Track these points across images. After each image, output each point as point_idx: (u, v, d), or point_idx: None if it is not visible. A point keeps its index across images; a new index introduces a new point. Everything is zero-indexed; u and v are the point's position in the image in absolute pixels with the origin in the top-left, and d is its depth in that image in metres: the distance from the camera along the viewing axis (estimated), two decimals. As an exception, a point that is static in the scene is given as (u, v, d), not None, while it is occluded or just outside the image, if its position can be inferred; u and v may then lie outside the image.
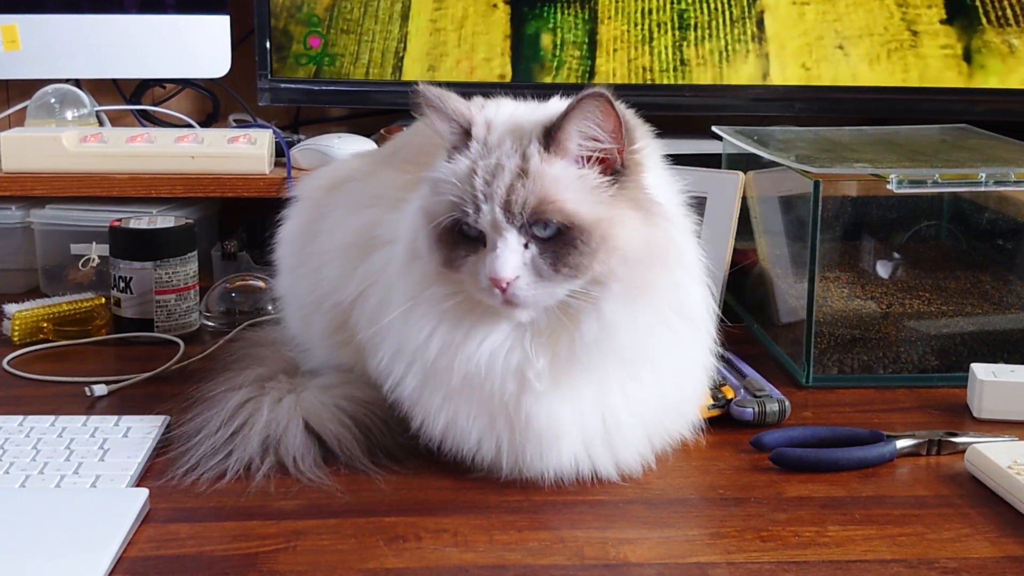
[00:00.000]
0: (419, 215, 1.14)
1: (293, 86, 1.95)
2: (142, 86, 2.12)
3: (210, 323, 1.69)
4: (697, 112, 1.93)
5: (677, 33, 1.84)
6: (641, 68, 1.85)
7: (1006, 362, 1.43)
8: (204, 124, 2.10)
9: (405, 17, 1.88)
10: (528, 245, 1.08)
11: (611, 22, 1.85)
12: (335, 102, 2.08)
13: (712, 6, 1.83)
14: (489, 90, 1.26)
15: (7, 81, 2.12)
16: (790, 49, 1.84)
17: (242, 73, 2.03)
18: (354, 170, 1.43)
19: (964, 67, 1.83)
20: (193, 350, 1.56)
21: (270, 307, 1.68)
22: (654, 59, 1.84)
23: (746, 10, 1.84)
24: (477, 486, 1.16)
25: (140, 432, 1.24)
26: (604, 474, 1.16)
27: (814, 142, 1.73)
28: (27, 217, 1.83)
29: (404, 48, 1.90)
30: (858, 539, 1.06)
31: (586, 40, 1.86)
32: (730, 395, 1.34)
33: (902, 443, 1.24)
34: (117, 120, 2.10)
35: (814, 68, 1.84)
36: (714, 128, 1.80)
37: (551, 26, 1.87)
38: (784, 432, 1.27)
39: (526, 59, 1.89)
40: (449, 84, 1.15)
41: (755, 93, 1.93)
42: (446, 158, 1.14)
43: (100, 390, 1.39)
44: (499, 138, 1.11)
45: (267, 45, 1.94)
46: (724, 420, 1.32)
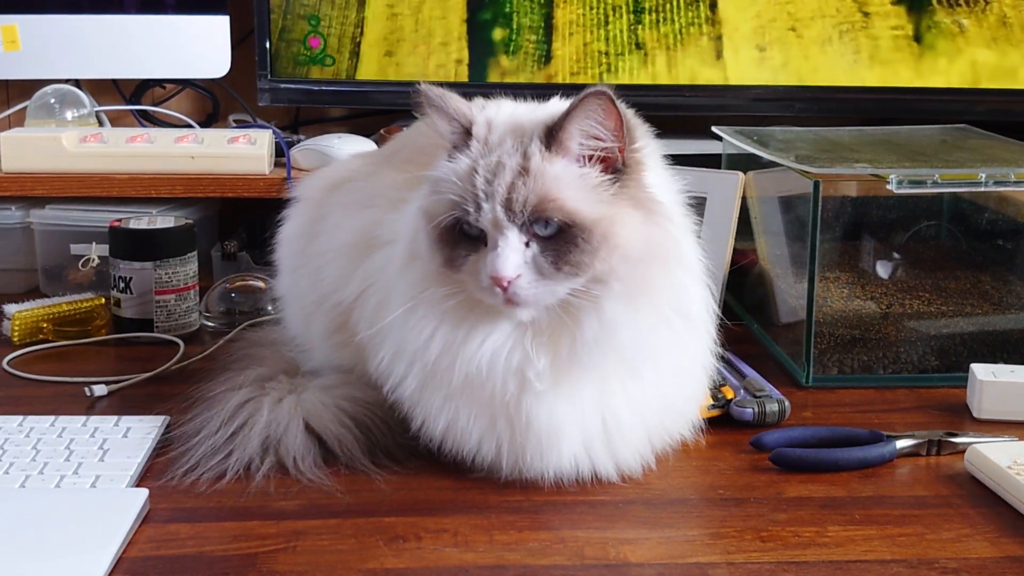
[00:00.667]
0: (419, 215, 1.14)
1: (293, 86, 1.95)
2: (142, 86, 2.12)
3: (210, 323, 1.69)
4: (697, 112, 1.93)
5: (632, 16, 1.85)
6: (596, 52, 1.86)
7: (1006, 362, 1.43)
8: (204, 124, 2.10)
9: (362, 3, 1.89)
10: (529, 244, 1.08)
11: (567, 6, 1.86)
12: (335, 102, 2.08)
13: (667, -11, 1.85)
14: (489, 90, 1.26)
15: (7, 81, 2.12)
16: (743, 31, 1.85)
17: (242, 73, 2.03)
18: (354, 170, 1.43)
19: (915, 47, 1.84)
20: (193, 350, 1.56)
21: (270, 307, 1.68)
22: (610, 43, 1.85)
23: (700, -8, 1.86)
24: (477, 486, 1.16)
25: (140, 432, 1.25)
26: (604, 474, 1.16)
27: (814, 142, 1.73)
28: (27, 217, 1.83)
29: (361, 33, 1.90)
30: (858, 539, 1.06)
31: (542, 24, 1.87)
32: (730, 395, 1.34)
33: (902, 443, 1.24)
34: (117, 120, 2.10)
35: (768, 49, 1.85)
36: (714, 128, 1.80)
37: (507, 11, 1.88)
38: (784, 432, 1.27)
39: (483, 44, 1.90)
40: (450, 85, 1.15)
41: (755, 93, 1.93)
42: (446, 158, 1.14)
43: (100, 390, 1.39)
44: (500, 137, 1.11)
45: (267, 45, 1.94)
46: (724, 420, 1.32)
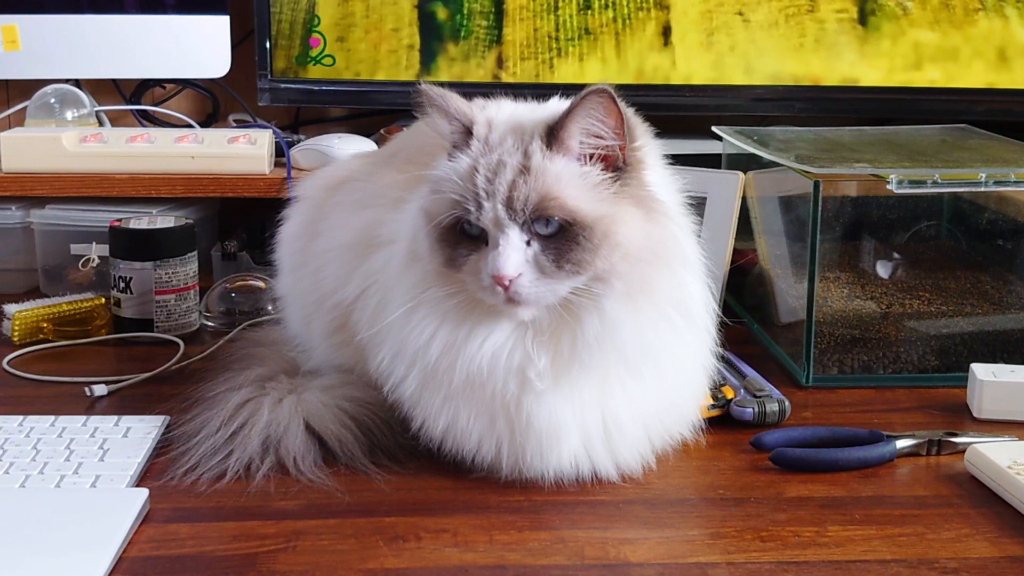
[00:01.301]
0: (419, 215, 1.14)
1: (293, 86, 1.95)
2: (142, 86, 2.12)
3: (210, 323, 1.69)
4: (697, 112, 1.93)
5: (581, 2, 1.86)
6: (546, 37, 1.87)
7: (1006, 362, 1.43)
8: (204, 124, 2.10)
9: None
10: (530, 243, 1.08)
11: None
12: (335, 102, 2.08)
13: (616, -26, 1.86)
14: (489, 90, 1.26)
15: (7, 81, 2.12)
16: (691, 16, 1.86)
17: (242, 73, 2.03)
18: (354, 170, 1.43)
19: (860, 30, 1.86)
20: (193, 350, 1.56)
21: (270, 307, 1.68)
22: (560, 28, 1.86)
23: (648, -22, 1.88)
24: (477, 486, 1.16)
25: (140, 432, 1.25)
26: (604, 474, 1.16)
27: (814, 142, 1.73)
28: (27, 217, 1.83)
29: (313, 19, 1.91)
30: (858, 539, 1.06)
31: (492, 9, 1.88)
32: (730, 395, 1.34)
33: (902, 443, 1.24)
34: (117, 120, 2.10)
35: (715, 34, 1.86)
36: (714, 128, 1.80)
37: None
38: (784, 432, 1.27)
39: (434, 29, 1.91)
40: (450, 85, 1.15)
41: (755, 93, 1.93)
42: (447, 157, 1.14)
43: (100, 390, 1.39)
44: (500, 136, 1.11)
45: (267, 45, 1.94)
46: (724, 420, 1.32)
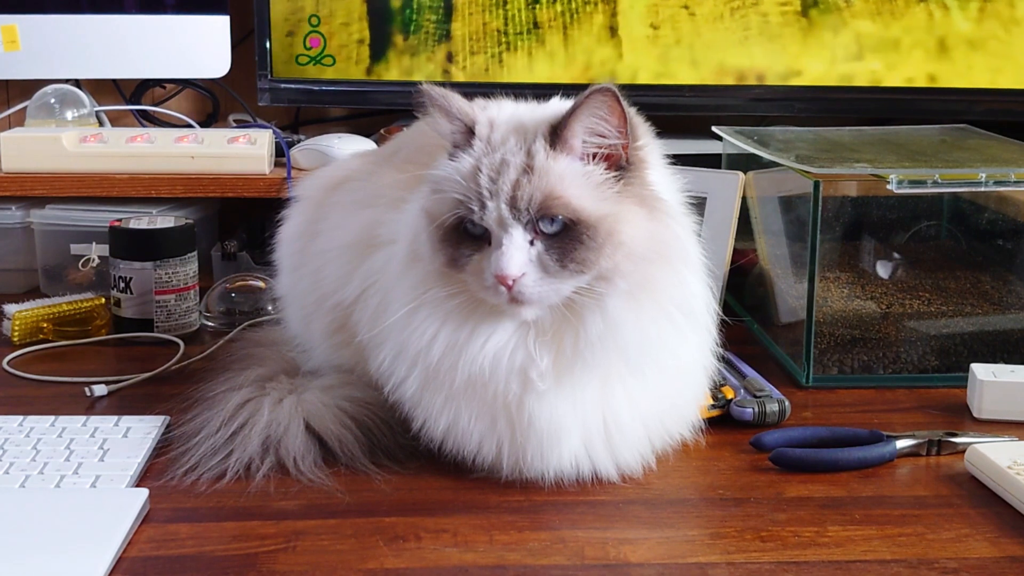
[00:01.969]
0: (421, 215, 1.14)
1: (293, 86, 1.95)
2: (142, 86, 2.12)
3: (210, 323, 1.69)
4: (697, 112, 1.94)
5: None
6: (495, 31, 1.89)
7: (1006, 362, 1.43)
8: (204, 124, 2.10)
9: None
10: (533, 242, 1.08)
11: None
12: (335, 102, 2.08)
13: (564, -32, 1.88)
14: (489, 91, 1.26)
15: (7, 81, 2.12)
16: (638, 10, 1.88)
17: (242, 73, 2.03)
18: (354, 170, 1.43)
19: (803, 22, 1.87)
20: (193, 350, 1.56)
21: (270, 307, 1.68)
22: (509, 23, 1.88)
23: (596, -28, 1.89)
24: (477, 486, 1.16)
25: (140, 432, 1.24)
26: (604, 474, 1.16)
27: (814, 142, 1.73)
28: (27, 217, 1.83)
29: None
30: (858, 539, 1.06)
31: (441, 4, 1.89)
32: (730, 395, 1.34)
33: (902, 443, 1.24)
34: (117, 120, 2.10)
35: (661, 27, 1.88)
36: (714, 128, 1.80)
37: None
38: (784, 432, 1.27)
39: (384, 23, 1.92)
40: (452, 85, 1.15)
41: (755, 93, 1.93)
42: (448, 157, 1.14)
43: (100, 390, 1.39)
44: (503, 136, 1.11)
45: (267, 45, 1.94)
46: (724, 420, 1.32)
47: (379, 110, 2.09)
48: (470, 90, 1.22)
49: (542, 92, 1.22)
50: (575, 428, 1.14)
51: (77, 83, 2.04)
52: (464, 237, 1.10)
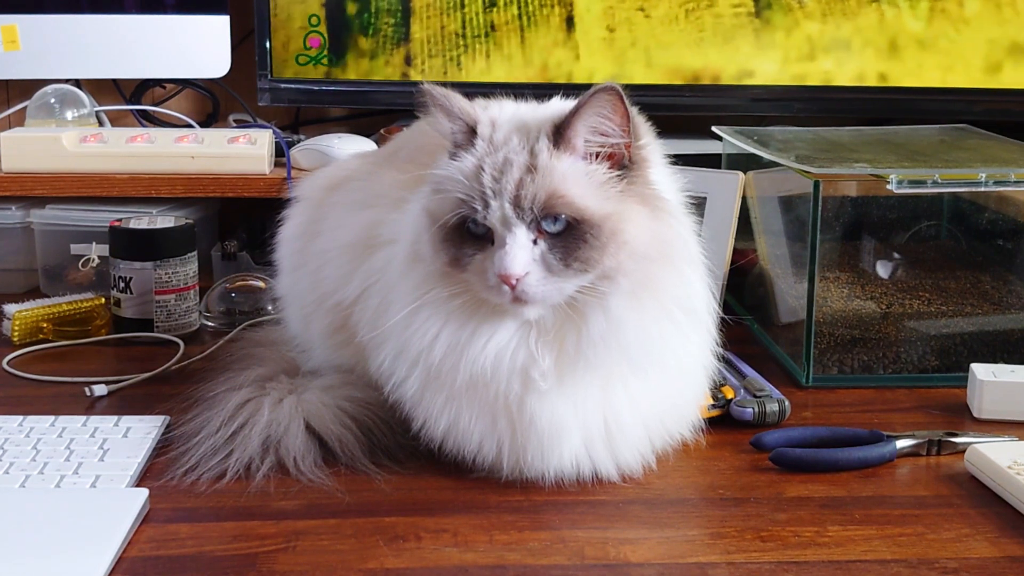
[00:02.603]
0: (422, 216, 1.14)
1: (293, 86, 1.95)
2: (142, 86, 2.12)
3: (210, 323, 1.69)
4: (697, 112, 1.94)
5: None
6: (453, 34, 1.90)
7: (1006, 362, 1.43)
8: (204, 124, 2.10)
9: None
10: (537, 241, 1.08)
11: None
12: (335, 102, 2.08)
13: (520, -28, 1.90)
14: (490, 90, 1.26)
15: (7, 81, 2.12)
16: (594, 12, 1.90)
17: (242, 73, 2.03)
18: (354, 170, 1.43)
19: (756, 23, 1.89)
20: (193, 350, 1.56)
21: (270, 307, 1.68)
22: (467, 26, 1.89)
23: (552, -26, 1.91)
24: (477, 486, 1.16)
25: (140, 432, 1.24)
26: (605, 474, 1.16)
27: (814, 142, 1.73)
28: (27, 217, 1.83)
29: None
30: (858, 539, 1.06)
31: (400, 8, 1.91)
32: (730, 395, 1.34)
33: (902, 443, 1.24)
34: (117, 120, 2.10)
35: (617, 30, 1.89)
36: (714, 128, 1.80)
37: None
38: (784, 432, 1.27)
39: (343, 26, 1.93)
40: (452, 84, 1.15)
41: (755, 93, 1.93)
42: (449, 157, 1.14)
43: (100, 390, 1.39)
44: (505, 136, 1.11)
45: (267, 45, 1.94)
46: (724, 420, 1.32)
47: (379, 110, 2.09)
48: (470, 90, 1.22)
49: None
50: (576, 428, 1.14)
51: (77, 83, 2.04)
52: (466, 237, 1.10)
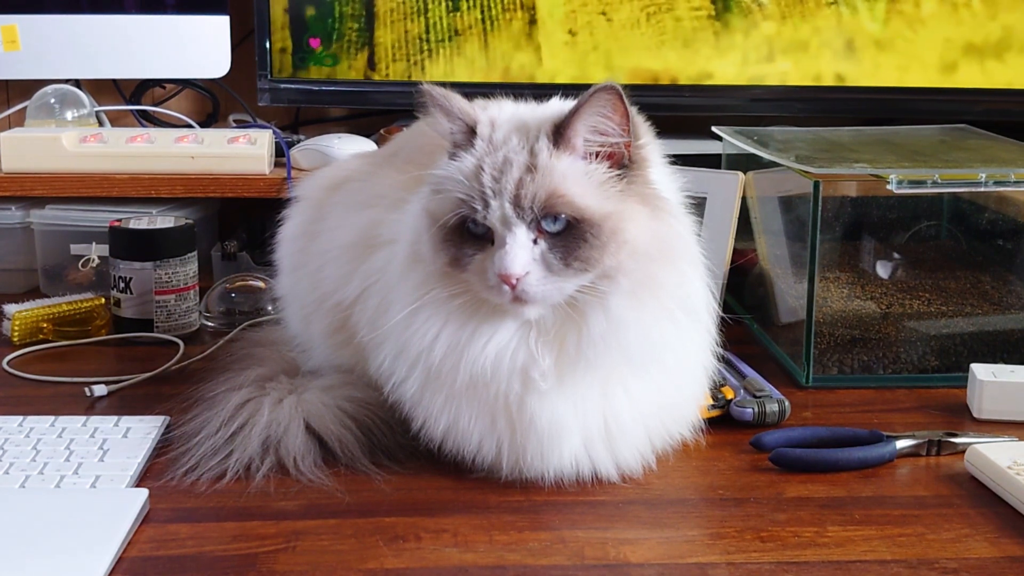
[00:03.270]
0: (422, 216, 1.14)
1: (293, 86, 1.95)
2: (142, 86, 2.12)
3: (210, 323, 1.69)
4: (697, 112, 1.94)
5: (450, 3, 1.91)
6: (417, 38, 1.92)
7: (1006, 362, 1.43)
8: (204, 124, 2.10)
9: None
10: (537, 241, 1.08)
11: None
12: (335, 102, 2.08)
13: (483, -23, 1.92)
14: (490, 91, 1.26)
15: (7, 81, 2.12)
16: (557, 16, 1.91)
17: (242, 73, 2.03)
18: (354, 170, 1.43)
19: (716, 25, 1.91)
20: (193, 350, 1.56)
21: (270, 307, 1.68)
22: (430, 30, 1.91)
23: (513, -21, 1.93)
24: (477, 486, 1.16)
25: (140, 432, 1.24)
26: (604, 474, 1.16)
27: (814, 142, 1.73)
28: (27, 217, 1.83)
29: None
30: (858, 539, 1.06)
31: (363, 12, 1.92)
32: (730, 395, 1.34)
33: (902, 443, 1.24)
34: (117, 120, 2.10)
35: (579, 34, 1.91)
36: (714, 128, 1.80)
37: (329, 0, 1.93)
38: (784, 432, 1.27)
39: (306, 31, 1.94)
40: (453, 85, 1.15)
41: (755, 93, 1.94)
42: (449, 157, 1.14)
43: (100, 390, 1.39)
44: (505, 135, 1.11)
45: (267, 45, 1.94)
46: (724, 420, 1.32)
47: (379, 110, 2.09)
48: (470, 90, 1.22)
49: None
50: (575, 428, 1.14)
51: (77, 83, 2.04)
52: (466, 237, 1.10)
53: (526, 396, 1.12)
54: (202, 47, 1.98)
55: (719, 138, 1.80)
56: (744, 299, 1.73)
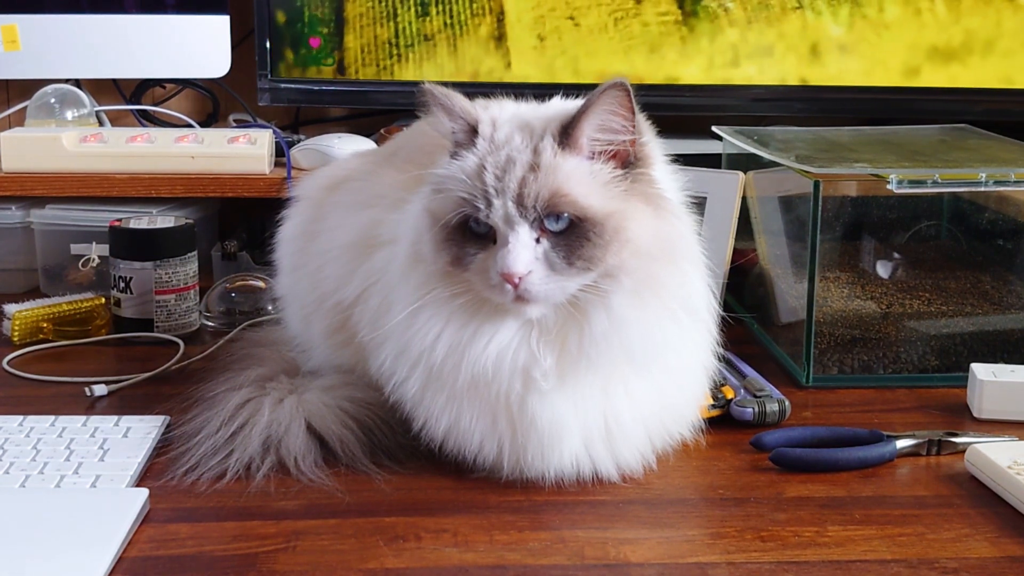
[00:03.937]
0: (423, 216, 1.14)
1: (293, 86, 1.95)
2: (142, 86, 2.12)
3: (210, 323, 1.69)
4: (697, 112, 1.94)
5: (419, 8, 1.92)
6: (386, 43, 1.93)
7: (1006, 362, 1.43)
8: (204, 124, 2.10)
9: None
10: (539, 240, 1.08)
11: (355, 1, 1.93)
12: (335, 102, 2.08)
13: (453, -19, 1.93)
14: (490, 90, 1.26)
15: (7, 81, 2.12)
16: (525, 21, 1.92)
17: (242, 73, 2.03)
18: (354, 170, 1.43)
19: (682, 31, 1.92)
20: (193, 350, 1.56)
21: (270, 307, 1.68)
22: (400, 35, 1.92)
23: (483, -16, 1.94)
24: (477, 486, 1.16)
25: (140, 432, 1.24)
26: (605, 474, 1.16)
27: (814, 142, 1.73)
28: (27, 217, 1.83)
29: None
30: (858, 539, 1.06)
31: (333, 18, 1.92)
32: (730, 395, 1.34)
33: (902, 443, 1.24)
34: (117, 120, 2.10)
35: (548, 38, 1.92)
36: (714, 128, 1.80)
37: (299, 4, 1.94)
38: (784, 432, 1.27)
39: (276, 37, 1.95)
40: (453, 84, 1.15)
41: (755, 93, 1.94)
42: (450, 157, 1.14)
43: (100, 390, 1.39)
44: (507, 135, 1.11)
45: (267, 45, 1.94)
46: (724, 420, 1.32)
47: (379, 110, 2.09)
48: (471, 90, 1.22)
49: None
50: (576, 428, 1.14)
51: (77, 83, 2.04)
52: (468, 236, 1.10)
53: (527, 396, 1.12)
54: (202, 47, 1.98)
55: (719, 138, 1.80)
56: (744, 299, 1.73)
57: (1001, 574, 1.01)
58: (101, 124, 2.03)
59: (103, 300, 1.66)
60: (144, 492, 1.10)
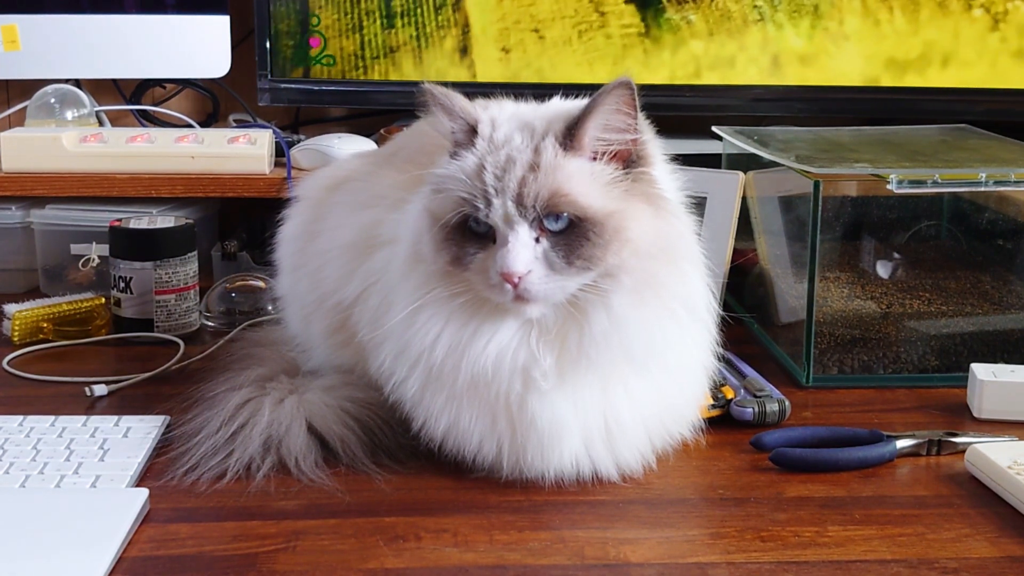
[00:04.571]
0: (423, 216, 1.14)
1: (293, 86, 1.96)
2: (142, 86, 2.12)
3: (210, 323, 1.69)
4: (697, 112, 1.94)
5: (384, 20, 1.93)
6: (352, 55, 1.94)
7: (1006, 362, 1.43)
8: (204, 124, 2.10)
9: None
10: (539, 239, 1.08)
11: (323, 11, 1.94)
12: (335, 102, 2.08)
13: (417, -6, 1.94)
14: (490, 90, 1.26)
15: (7, 81, 2.12)
16: (490, 33, 1.93)
17: (242, 73, 2.03)
18: (354, 170, 1.43)
19: (645, 43, 1.93)
20: (193, 350, 1.56)
21: (270, 307, 1.68)
22: (365, 47, 1.93)
23: (448, -4, 1.95)
24: (477, 486, 1.16)
25: (140, 432, 1.24)
26: (605, 474, 1.16)
27: (814, 142, 1.73)
28: (27, 217, 1.83)
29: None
30: (858, 539, 1.06)
31: (299, 30, 1.94)
32: (730, 395, 1.34)
33: (902, 443, 1.24)
34: (117, 120, 2.10)
35: (513, 50, 1.94)
36: (714, 128, 1.80)
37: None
38: (784, 432, 1.27)
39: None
40: (453, 84, 1.15)
41: (755, 93, 1.94)
42: (450, 156, 1.14)
43: (100, 390, 1.39)
44: (507, 134, 1.11)
45: (267, 45, 1.94)
46: (724, 420, 1.32)
47: (379, 110, 2.09)
48: (472, 90, 1.22)
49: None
50: (576, 428, 1.14)
51: (77, 83, 2.04)
52: (468, 236, 1.10)
53: (527, 396, 1.12)
54: (202, 47, 1.98)
55: (719, 138, 1.80)
56: (744, 299, 1.73)
57: (1001, 574, 1.01)
58: (101, 124, 2.03)
59: (103, 300, 1.66)
60: (144, 492, 1.10)
